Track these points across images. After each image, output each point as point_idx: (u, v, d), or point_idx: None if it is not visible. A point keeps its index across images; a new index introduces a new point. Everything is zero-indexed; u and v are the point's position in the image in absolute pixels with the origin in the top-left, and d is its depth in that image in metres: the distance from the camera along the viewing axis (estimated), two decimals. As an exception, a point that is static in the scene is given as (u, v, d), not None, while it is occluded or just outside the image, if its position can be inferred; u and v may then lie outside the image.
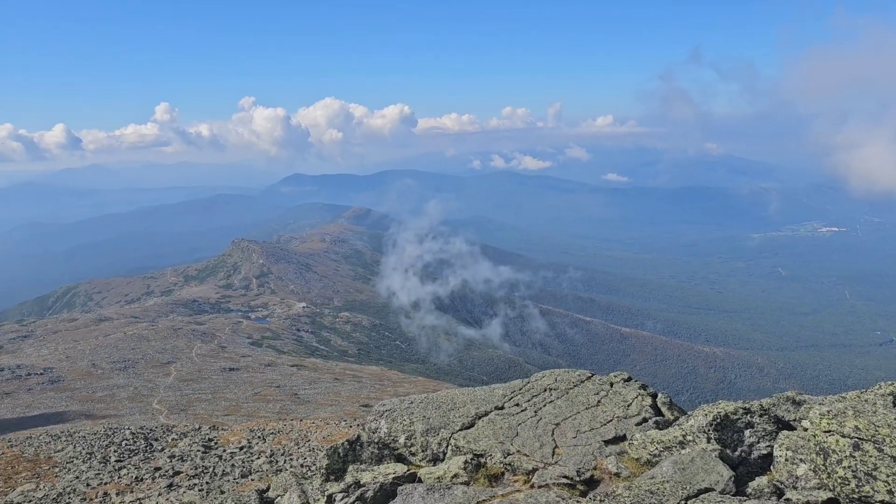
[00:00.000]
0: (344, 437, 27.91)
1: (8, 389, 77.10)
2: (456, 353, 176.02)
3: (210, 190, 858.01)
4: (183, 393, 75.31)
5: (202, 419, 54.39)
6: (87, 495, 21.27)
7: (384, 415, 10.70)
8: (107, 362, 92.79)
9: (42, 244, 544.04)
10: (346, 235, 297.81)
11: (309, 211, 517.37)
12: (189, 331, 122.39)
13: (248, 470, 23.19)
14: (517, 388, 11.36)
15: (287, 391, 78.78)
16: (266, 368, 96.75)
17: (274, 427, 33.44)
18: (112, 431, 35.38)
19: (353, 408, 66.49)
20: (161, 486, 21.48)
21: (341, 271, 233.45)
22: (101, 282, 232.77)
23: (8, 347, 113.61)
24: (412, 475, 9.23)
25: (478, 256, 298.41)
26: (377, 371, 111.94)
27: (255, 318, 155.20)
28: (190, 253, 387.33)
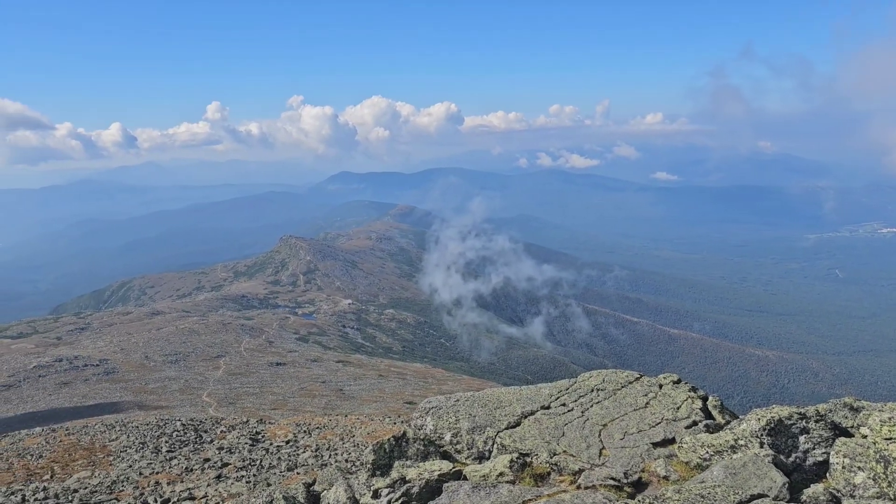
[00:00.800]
0: (388, 433, 28.08)
1: (66, 379, 79.68)
2: (498, 352, 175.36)
3: (259, 187, 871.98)
4: (231, 386, 76.74)
5: (250, 413, 55.32)
6: (139, 484, 21.81)
7: (430, 412, 10.71)
8: (159, 355, 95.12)
9: (99, 240, 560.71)
10: (391, 233, 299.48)
11: (355, 208, 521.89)
12: (238, 326, 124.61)
13: (293, 463, 23.49)
14: (564, 388, 11.26)
15: (332, 387, 79.63)
16: (312, 364, 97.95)
17: (319, 422, 33.82)
18: (164, 422, 36.26)
19: (398, 405, 66.84)
20: (210, 476, 21.89)
21: (387, 269, 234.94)
22: (155, 277, 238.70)
23: (66, 339, 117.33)
24: (457, 473, 9.21)
25: (521, 254, 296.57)
26: (421, 368, 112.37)
27: (301, 314, 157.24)
28: (239, 249, 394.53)
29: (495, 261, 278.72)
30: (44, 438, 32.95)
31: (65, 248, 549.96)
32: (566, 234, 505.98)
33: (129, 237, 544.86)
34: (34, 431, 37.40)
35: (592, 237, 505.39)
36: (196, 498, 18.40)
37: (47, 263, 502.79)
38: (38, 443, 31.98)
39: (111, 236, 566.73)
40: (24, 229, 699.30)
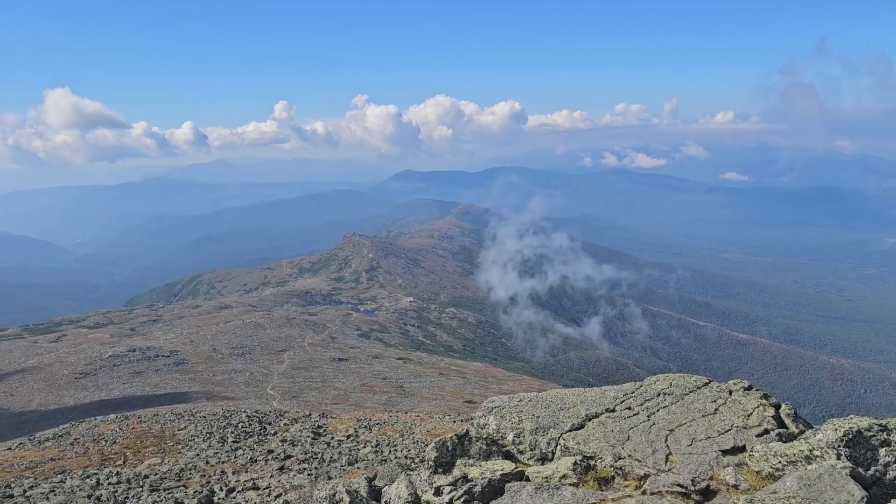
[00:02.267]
0: (448, 431, 28.11)
1: (139, 369, 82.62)
2: (553, 351, 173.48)
3: (324, 185, 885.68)
4: (295, 380, 78.21)
5: (312, 406, 56.24)
6: (206, 472, 22.39)
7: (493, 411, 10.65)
8: (226, 348, 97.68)
9: (171, 235, 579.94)
10: (453, 232, 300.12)
11: (418, 207, 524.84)
12: (302, 321, 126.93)
13: (354, 458, 23.73)
14: (629, 391, 11.03)
15: (393, 383, 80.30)
16: (373, 360, 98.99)
17: (380, 418, 34.10)
18: (230, 413, 37.19)
19: (457, 403, 66.93)
20: (273, 468, 22.32)
21: (448, 267, 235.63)
22: (223, 272, 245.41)
23: (140, 330, 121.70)
24: (520, 473, 9.13)
25: (579, 253, 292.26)
26: (482, 368, 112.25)
27: (364, 311, 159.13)
28: (304, 246, 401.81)
29: (553, 259, 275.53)
30: (117, 425, 34.21)
31: (139, 243, 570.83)
32: (630, 234, 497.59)
33: (199, 233, 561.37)
34: (108, 418, 38.90)
35: (657, 238, 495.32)
36: (259, 488, 18.78)
37: (123, 257, 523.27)
38: (112, 429, 33.22)
39: (183, 232, 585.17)
40: (102, 224, 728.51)
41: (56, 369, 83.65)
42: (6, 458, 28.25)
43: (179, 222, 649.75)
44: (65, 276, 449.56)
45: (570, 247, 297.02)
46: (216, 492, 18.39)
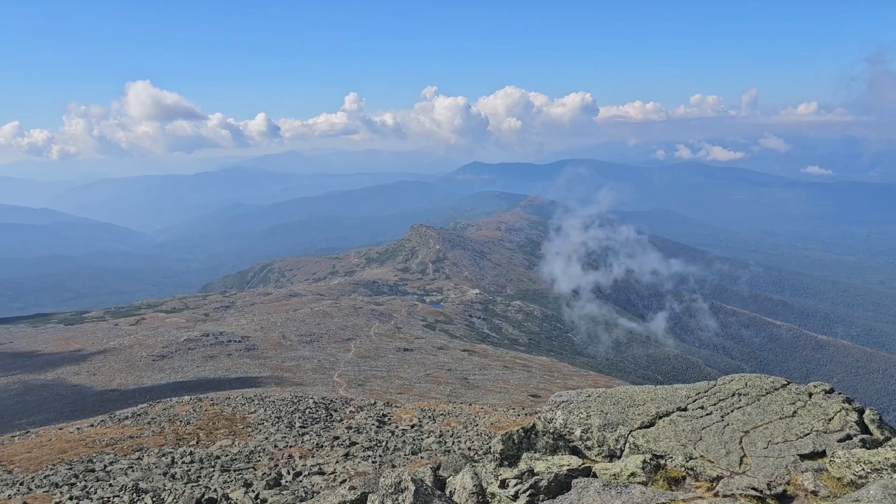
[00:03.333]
0: (512, 424, 27.97)
1: (212, 353, 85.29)
2: (615, 345, 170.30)
3: (392, 176, 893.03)
4: (361, 369, 79.31)
5: (377, 395, 56.91)
6: (274, 455, 22.90)
7: (560, 406, 10.48)
8: (295, 335, 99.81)
9: (244, 224, 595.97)
10: (521, 224, 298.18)
11: (485, 199, 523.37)
12: (368, 310, 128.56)
13: (418, 448, 23.85)
14: (702, 390, 10.68)
15: (457, 375, 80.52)
16: (438, 351, 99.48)
17: (444, 409, 34.20)
18: (298, 399, 37.96)
19: (522, 397, 66.62)
20: (339, 454, 22.64)
21: (515, 260, 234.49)
22: (293, 260, 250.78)
23: (213, 316, 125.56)
24: (587, 469, 8.95)
25: (646, 246, 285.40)
26: (547, 362, 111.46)
27: (429, 302, 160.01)
28: (372, 236, 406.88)
29: (618, 252, 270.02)
30: (191, 407, 35.37)
31: (214, 231, 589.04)
32: (702, 230, 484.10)
33: (271, 222, 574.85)
34: (183, 399, 40.27)
35: (732, 234, 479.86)
36: (325, 473, 19.07)
37: (198, 244, 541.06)
38: (186, 410, 34.37)
39: (255, 221, 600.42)
40: (180, 212, 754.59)
41: (135, 351, 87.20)
42: (89, 434, 29.58)
43: (252, 211, 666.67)
44: (144, 261, 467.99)
45: (636, 240, 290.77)
46: (283, 475, 18.77)
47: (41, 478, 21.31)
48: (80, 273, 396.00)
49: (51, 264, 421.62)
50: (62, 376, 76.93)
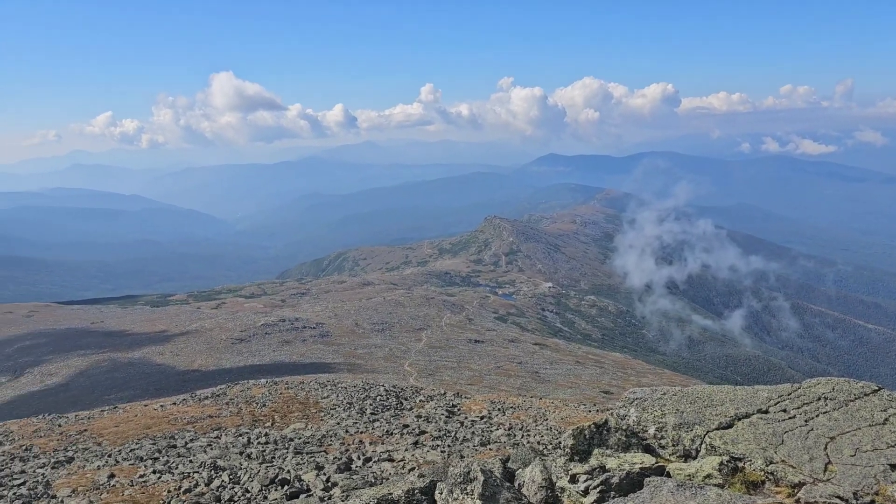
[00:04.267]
0: (582, 420, 27.60)
1: (288, 339, 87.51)
2: (688, 342, 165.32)
3: (467, 167, 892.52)
4: (431, 359, 79.87)
5: (447, 385, 57.19)
6: (345, 440, 23.29)
7: (634, 403, 10.25)
8: (367, 323, 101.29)
9: (321, 213, 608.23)
10: (597, 218, 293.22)
11: (561, 191, 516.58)
12: (440, 301, 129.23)
13: (486, 439, 23.82)
14: (785, 393, 10.24)
15: (528, 368, 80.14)
16: (509, 344, 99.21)
17: (514, 402, 34.06)
18: (369, 387, 38.50)
19: (593, 393, 65.80)
20: (408, 442, 22.84)
21: (590, 254, 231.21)
22: (367, 249, 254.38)
23: (289, 302, 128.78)
24: (660, 468, 8.73)
25: (724, 241, 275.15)
26: (620, 358, 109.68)
27: (501, 294, 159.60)
28: (445, 227, 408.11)
29: (694, 246, 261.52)
30: (267, 389, 36.36)
31: (292, 219, 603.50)
32: (789, 226, 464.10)
33: (347, 211, 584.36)
34: (260, 382, 41.45)
35: (821, 231, 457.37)
36: (394, 460, 19.26)
37: (277, 232, 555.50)
38: (262, 393, 35.36)
39: (332, 210, 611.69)
40: (260, 201, 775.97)
41: (216, 334, 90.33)
42: (171, 411, 30.80)
43: (329, 200, 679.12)
44: (225, 248, 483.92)
45: (714, 234, 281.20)
46: (354, 460, 19.06)
47: (127, 451, 22.32)
48: (166, 257, 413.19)
49: (139, 248, 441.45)
50: (147, 356, 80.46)
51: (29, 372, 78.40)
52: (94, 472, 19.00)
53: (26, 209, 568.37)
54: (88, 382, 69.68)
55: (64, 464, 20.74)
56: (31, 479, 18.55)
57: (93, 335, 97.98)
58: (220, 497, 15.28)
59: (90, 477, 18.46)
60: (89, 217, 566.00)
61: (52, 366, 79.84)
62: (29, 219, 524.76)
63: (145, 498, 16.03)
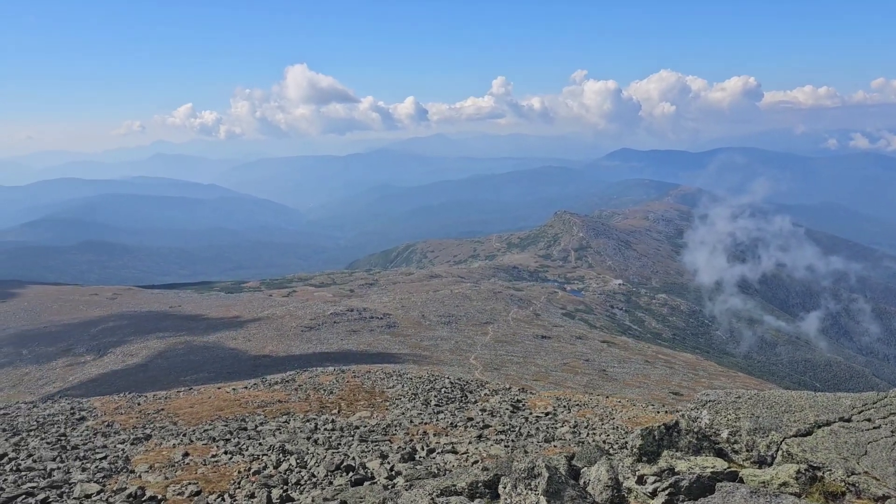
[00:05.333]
0: (650, 420, 27.03)
1: (355, 328, 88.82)
2: (759, 344, 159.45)
3: (537, 161, 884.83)
4: (497, 353, 79.73)
5: (512, 380, 56.99)
6: (409, 431, 23.45)
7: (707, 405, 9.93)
8: (434, 315, 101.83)
9: (390, 204, 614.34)
10: (671, 215, 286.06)
11: (633, 187, 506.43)
12: (507, 295, 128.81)
13: (551, 436, 23.59)
14: (870, 402, 9.71)
15: (595, 366, 79.11)
16: (577, 341, 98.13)
17: (580, 399, 33.63)
18: (434, 378, 38.67)
19: (663, 393, 64.44)
20: (472, 435, 22.82)
21: (662, 252, 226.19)
22: (435, 242, 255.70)
23: (358, 292, 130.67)
24: (733, 473, 8.42)
25: (802, 239, 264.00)
26: (692, 359, 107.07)
27: (570, 290, 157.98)
28: (514, 221, 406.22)
29: (769, 244, 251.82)
30: (334, 377, 36.96)
31: (362, 210, 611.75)
32: (877, 227, 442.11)
33: (416, 203, 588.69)
34: (327, 370, 42.21)
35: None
36: (458, 453, 19.26)
37: (347, 223, 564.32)
38: (329, 380, 35.97)
39: (401, 202, 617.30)
40: (331, 192, 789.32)
41: (286, 321, 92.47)
42: (243, 395, 31.67)
43: (399, 192, 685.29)
44: (297, 237, 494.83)
45: (791, 232, 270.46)
46: (418, 450, 19.17)
47: (201, 431, 23.05)
48: (240, 245, 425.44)
49: (215, 236, 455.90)
50: (221, 340, 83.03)
51: (112, 352, 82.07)
52: (170, 450, 19.69)
53: (112, 197, 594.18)
54: (166, 364, 72.43)
55: (142, 440, 21.57)
56: (112, 454, 19.35)
57: (171, 319, 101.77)
58: (287, 480, 15.60)
59: (166, 454, 19.14)
60: (169, 205, 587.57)
61: (132, 346, 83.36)
62: (114, 206, 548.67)
63: (217, 477, 16.50)
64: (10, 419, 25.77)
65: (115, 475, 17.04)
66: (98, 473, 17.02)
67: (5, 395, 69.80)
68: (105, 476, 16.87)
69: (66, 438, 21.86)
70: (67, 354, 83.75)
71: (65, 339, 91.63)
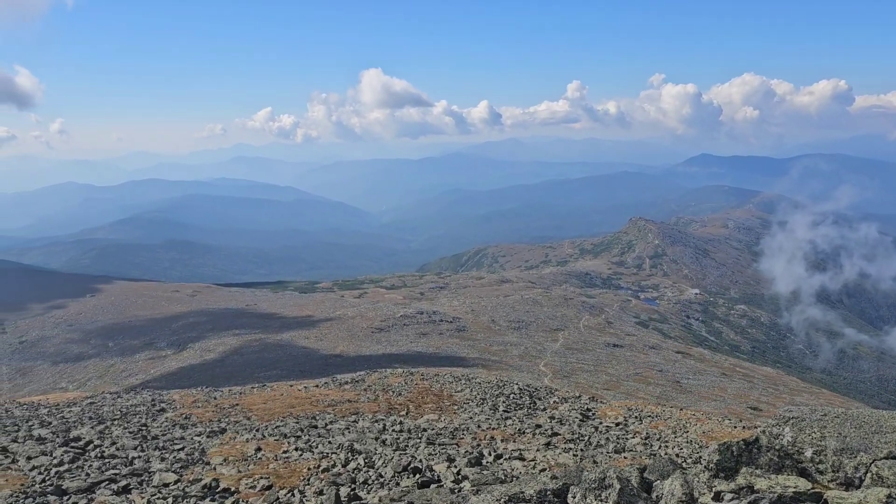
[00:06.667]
0: (726, 435, 26.12)
1: (425, 331, 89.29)
2: (838, 358, 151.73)
3: (612, 166, 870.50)
4: (567, 360, 78.72)
5: (582, 388, 56.16)
6: (477, 435, 23.35)
7: (790, 422, 9.45)
8: (504, 320, 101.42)
9: (462, 208, 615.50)
10: (752, 223, 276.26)
11: (713, 193, 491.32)
12: (579, 302, 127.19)
13: (621, 447, 23.11)
14: (970, 424, 9.08)
15: (669, 377, 77.19)
16: (650, 350, 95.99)
17: (652, 410, 32.83)
18: (503, 384, 38.48)
19: (740, 408, 62.30)
20: (540, 442, 22.54)
21: (742, 261, 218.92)
22: (507, 247, 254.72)
23: (428, 295, 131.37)
24: (816, 495, 7.97)
25: (890, 248, 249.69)
26: (772, 373, 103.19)
27: (643, 299, 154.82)
28: (587, 227, 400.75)
29: (852, 253, 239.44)
30: (403, 379, 37.22)
31: (433, 214, 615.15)
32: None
33: (487, 208, 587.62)
34: (396, 371, 42.53)
35: None
36: (525, 460, 19.06)
37: (418, 226, 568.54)
38: (398, 382, 36.23)
39: (473, 206, 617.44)
40: (403, 195, 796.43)
41: (357, 322, 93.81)
42: (314, 393, 32.24)
43: (471, 196, 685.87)
44: (369, 239, 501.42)
45: (878, 240, 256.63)
46: (485, 455, 19.04)
47: (273, 427, 23.57)
48: (314, 246, 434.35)
49: (290, 237, 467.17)
50: (294, 339, 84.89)
51: (190, 347, 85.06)
52: (244, 444, 20.18)
53: (195, 197, 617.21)
54: (241, 360, 74.52)
55: (217, 434, 22.20)
56: (189, 446, 19.98)
57: (246, 316, 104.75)
58: (355, 479, 15.73)
59: (240, 448, 19.63)
60: (248, 206, 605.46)
61: (210, 342, 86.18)
62: (196, 206, 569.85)
63: (287, 472, 16.79)
64: (96, 408, 26.98)
65: (191, 466, 17.55)
66: (175, 464, 17.58)
67: (93, 384, 73.28)
68: (182, 466, 17.40)
69: (147, 428, 22.70)
70: (150, 348, 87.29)
71: (148, 333, 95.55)
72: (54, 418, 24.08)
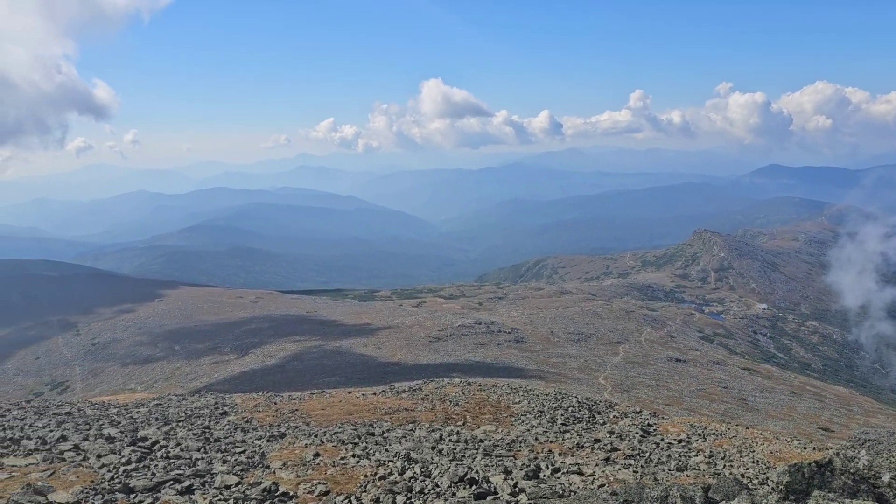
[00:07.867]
0: (795, 456, 25.13)
1: (483, 341, 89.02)
2: None
3: (676, 177, 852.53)
4: (627, 374, 77.29)
5: (643, 403, 55.02)
6: (534, 448, 23.05)
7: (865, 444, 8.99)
8: (563, 332, 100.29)
9: (521, 218, 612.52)
10: (824, 236, 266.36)
11: (782, 205, 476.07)
12: (641, 315, 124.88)
13: (683, 465, 22.44)
14: None
15: (734, 394, 74.96)
16: (714, 366, 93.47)
17: (716, 428, 31.85)
18: (561, 396, 37.94)
19: (810, 428, 59.98)
20: (598, 457, 22.09)
21: (813, 275, 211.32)
22: (566, 258, 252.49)
23: (486, 305, 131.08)
24: (895, 523, 7.56)
25: None
26: (845, 393, 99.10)
27: (708, 313, 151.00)
28: (650, 239, 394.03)
29: None
30: (460, 389, 37.10)
31: (492, 224, 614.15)
32: None
33: (547, 218, 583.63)
34: (454, 381, 42.45)
35: None
36: (583, 474, 18.69)
37: (477, 236, 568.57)
38: (455, 392, 36.13)
39: (532, 216, 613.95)
40: (463, 205, 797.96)
41: (415, 331, 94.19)
42: (371, 401, 32.43)
43: (530, 207, 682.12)
44: (428, 249, 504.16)
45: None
46: (542, 468, 18.76)
47: (331, 433, 23.75)
48: (374, 255, 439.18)
49: (350, 246, 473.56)
50: (353, 346, 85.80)
51: (252, 352, 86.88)
52: (302, 450, 20.39)
53: (259, 206, 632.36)
54: (301, 366, 75.68)
55: (277, 438, 22.50)
56: (250, 449, 20.30)
57: (307, 323, 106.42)
58: (411, 488, 15.69)
59: (298, 453, 19.83)
60: (310, 215, 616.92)
61: (271, 347, 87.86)
62: (260, 214, 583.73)
63: (345, 479, 16.87)
64: (162, 409, 27.71)
65: (251, 469, 17.81)
66: (237, 466, 17.86)
67: (159, 386, 75.55)
68: (243, 469, 17.66)
69: (210, 431, 23.18)
70: (214, 352, 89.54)
71: (212, 337, 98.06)
72: (123, 418, 24.83)
